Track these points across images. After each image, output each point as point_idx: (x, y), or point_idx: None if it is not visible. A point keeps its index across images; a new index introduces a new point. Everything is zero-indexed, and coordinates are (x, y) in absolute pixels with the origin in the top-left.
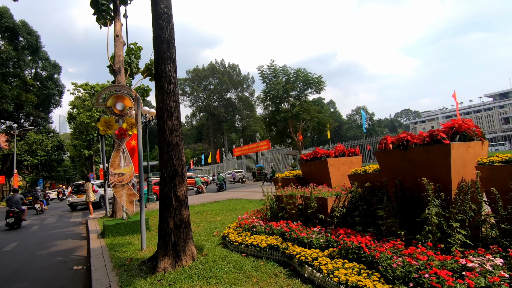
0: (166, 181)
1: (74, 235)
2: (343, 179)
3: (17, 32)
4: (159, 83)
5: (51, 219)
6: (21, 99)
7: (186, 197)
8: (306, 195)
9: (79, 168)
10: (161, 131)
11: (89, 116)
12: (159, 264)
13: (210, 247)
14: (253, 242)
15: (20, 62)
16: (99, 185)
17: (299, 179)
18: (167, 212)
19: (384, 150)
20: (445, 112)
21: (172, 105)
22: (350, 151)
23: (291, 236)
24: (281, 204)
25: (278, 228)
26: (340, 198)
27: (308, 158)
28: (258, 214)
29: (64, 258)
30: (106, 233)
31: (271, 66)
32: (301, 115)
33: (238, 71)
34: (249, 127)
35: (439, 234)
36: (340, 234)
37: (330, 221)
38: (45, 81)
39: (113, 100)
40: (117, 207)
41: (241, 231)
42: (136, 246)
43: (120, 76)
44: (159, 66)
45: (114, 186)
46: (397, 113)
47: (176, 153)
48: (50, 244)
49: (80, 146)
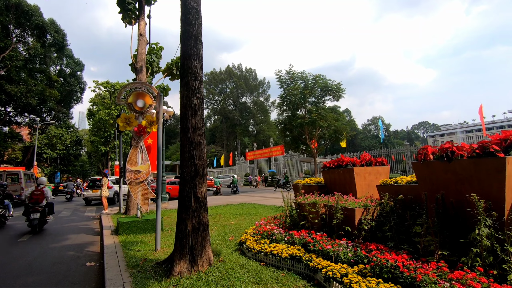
0: (187, 181)
1: (87, 230)
2: (368, 189)
3: (45, 30)
4: (184, 79)
5: (66, 212)
6: (45, 94)
7: (205, 198)
8: (331, 204)
9: (95, 164)
10: (184, 129)
11: (108, 113)
12: (174, 268)
13: (226, 253)
14: (273, 251)
15: (46, 59)
16: (114, 181)
17: (321, 187)
18: (185, 214)
19: (423, 160)
20: (466, 127)
21: (196, 103)
22: (377, 161)
23: (315, 248)
24: (302, 213)
25: (300, 237)
26: (369, 210)
27: (332, 165)
28: (275, 221)
29: (77, 253)
30: (120, 230)
31: (290, 71)
32: (318, 122)
33: (254, 76)
34: (263, 132)
35: (491, 258)
36: (371, 250)
37: (357, 234)
38: (68, 77)
39: (134, 97)
40: (131, 204)
41: (260, 238)
42: (150, 246)
43: (141, 74)
44: (185, 62)
45: (130, 183)
46: (414, 125)
47: (198, 152)
48: (64, 238)
49: (97, 142)
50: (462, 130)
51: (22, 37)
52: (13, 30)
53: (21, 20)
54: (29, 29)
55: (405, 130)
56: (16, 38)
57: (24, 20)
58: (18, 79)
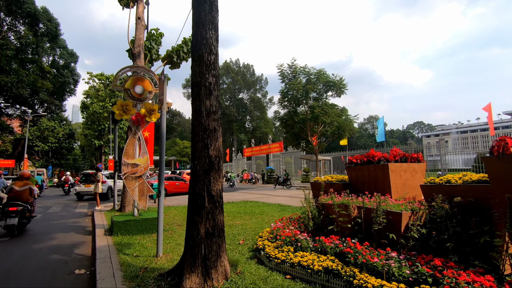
0: (199, 176)
1: (78, 228)
2: (404, 189)
3: (37, 18)
4: (197, 52)
5: (56, 207)
6: (37, 85)
7: (221, 197)
8: (367, 206)
9: (88, 158)
10: (196, 113)
11: (102, 106)
12: (184, 283)
13: (241, 261)
14: (301, 262)
15: (38, 49)
16: (108, 176)
17: (345, 185)
18: (197, 216)
19: (501, 155)
20: (460, 127)
21: (211, 81)
22: (411, 156)
23: (358, 260)
24: (331, 215)
25: (332, 245)
26: (416, 215)
27: (359, 161)
28: (293, 223)
29: (65, 256)
30: (115, 230)
31: (292, 65)
32: (321, 118)
33: (252, 72)
34: (259, 128)
35: None
36: (435, 266)
37: (405, 243)
38: (61, 69)
39: (131, 82)
40: (127, 200)
41: (281, 245)
42: (150, 251)
43: (139, 60)
44: (198, 31)
45: (126, 178)
46: (409, 124)
47: (213, 141)
48: (50, 237)
49: (91, 136)
50: (457, 131)
51: (13, 26)
52: (4, 17)
53: (12, 8)
54: (20, 17)
55: (400, 129)
56: (7, 26)
57: (15, 7)
58: (8, 69)
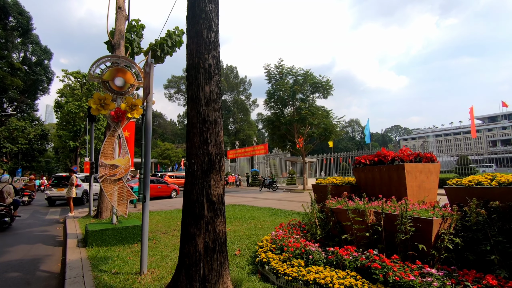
0: (197, 178)
1: (47, 238)
2: (419, 192)
3: (7, 11)
4: (194, 28)
5: (23, 214)
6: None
7: (223, 203)
8: (387, 211)
9: (62, 160)
10: (193, 101)
11: (78, 106)
12: None
13: (243, 278)
14: (316, 279)
15: (8, 44)
16: (83, 179)
17: (353, 188)
18: (195, 227)
19: None
20: (435, 131)
21: (211, 63)
22: (425, 156)
23: (389, 278)
24: (343, 222)
25: (350, 258)
26: (446, 221)
27: (368, 162)
28: (295, 230)
29: (27, 275)
30: (89, 241)
31: (279, 65)
32: (309, 119)
33: (235, 74)
34: (243, 130)
35: None
36: (489, 286)
37: (437, 255)
38: (34, 66)
39: (111, 74)
40: (104, 206)
41: (289, 257)
42: (132, 265)
43: (119, 51)
44: (195, 3)
45: (103, 181)
46: (387, 128)
47: (213, 135)
48: (12, 250)
49: (65, 137)
50: (433, 134)
51: None
52: None
53: None
54: None
55: (379, 133)
56: None
57: None
58: None
